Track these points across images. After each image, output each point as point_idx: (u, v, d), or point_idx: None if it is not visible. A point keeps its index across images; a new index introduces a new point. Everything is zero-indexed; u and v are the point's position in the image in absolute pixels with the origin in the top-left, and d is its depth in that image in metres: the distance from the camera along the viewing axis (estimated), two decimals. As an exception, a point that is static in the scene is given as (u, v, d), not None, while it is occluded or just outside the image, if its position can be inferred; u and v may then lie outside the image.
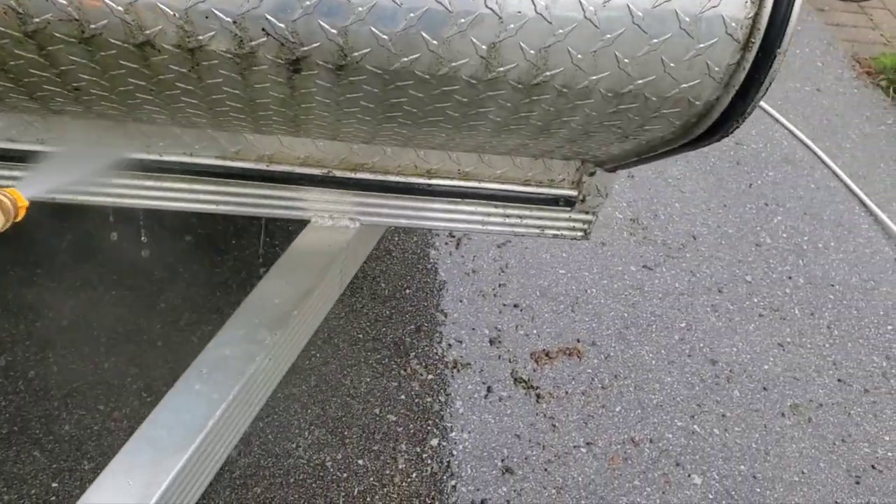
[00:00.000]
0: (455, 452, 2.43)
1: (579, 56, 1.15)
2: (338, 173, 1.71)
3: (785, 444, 2.66)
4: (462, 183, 1.76)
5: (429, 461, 2.39)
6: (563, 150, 1.55)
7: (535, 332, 2.85)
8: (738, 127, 1.29)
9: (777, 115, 4.27)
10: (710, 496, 2.46)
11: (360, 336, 2.70)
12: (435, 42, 1.12)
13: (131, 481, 1.27)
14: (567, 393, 2.66)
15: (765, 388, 2.82)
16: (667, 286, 3.14)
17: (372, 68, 1.16)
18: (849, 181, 3.91)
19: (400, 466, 2.36)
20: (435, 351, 2.71)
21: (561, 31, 1.12)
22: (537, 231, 1.89)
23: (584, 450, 2.51)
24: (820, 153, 4.06)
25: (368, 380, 2.57)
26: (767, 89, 1.20)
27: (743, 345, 2.97)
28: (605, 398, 2.68)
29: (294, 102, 1.30)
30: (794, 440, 2.68)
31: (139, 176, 1.67)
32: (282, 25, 1.08)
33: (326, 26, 1.09)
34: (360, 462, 2.36)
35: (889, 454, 2.70)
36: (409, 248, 3.06)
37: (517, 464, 2.43)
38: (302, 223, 1.82)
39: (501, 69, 1.16)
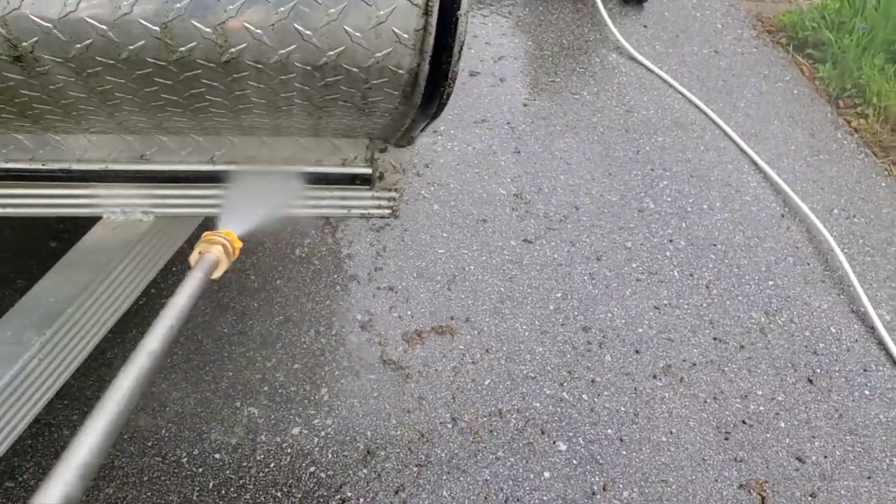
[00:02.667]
0: (317, 439, 2.43)
1: (259, 31, 1.14)
2: (116, 166, 1.69)
3: (655, 406, 2.68)
4: (251, 167, 1.75)
5: (288, 450, 2.39)
6: (320, 126, 1.54)
7: (409, 313, 2.85)
8: (450, 91, 1.28)
9: (669, 79, 4.28)
10: (575, 461, 2.47)
11: (226, 331, 2.69)
12: (102, 26, 1.10)
13: None
14: (437, 371, 2.67)
15: (637, 352, 2.84)
16: (545, 258, 3.14)
17: (50, 57, 1.14)
18: (739, 140, 3.93)
19: (258, 457, 2.36)
20: (303, 340, 2.70)
21: (232, 6, 1.11)
22: (343, 211, 1.89)
23: (449, 425, 2.52)
24: (711, 114, 4.08)
25: (231, 374, 2.56)
26: (461, 51, 1.20)
27: (618, 310, 2.99)
28: (475, 373, 2.68)
29: (5, 97, 1.28)
30: (665, 401, 2.70)
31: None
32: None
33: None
34: (217, 456, 2.35)
35: (760, 408, 2.73)
36: (283, 239, 3.05)
37: (380, 445, 2.43)
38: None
39: (183, 49, 1.15)
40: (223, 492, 2.27)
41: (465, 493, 2.35)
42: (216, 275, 1.25)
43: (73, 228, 2.79)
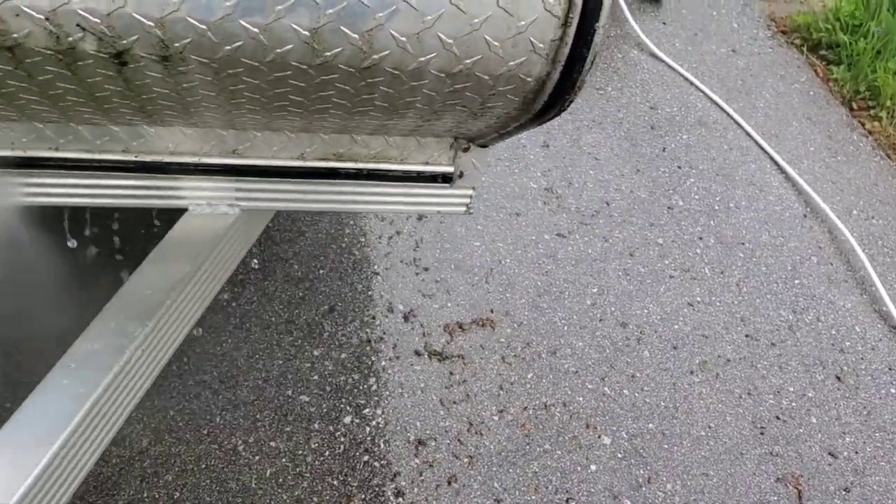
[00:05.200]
0: (368, 429, 2.46)
1: (403, 39, 1.17)
2: (209, 160, 1.71)
3: (693, 401, 2.74)
4: (338, 164, 1.77)
5: (342, 439, 2.43)
6: (423, 128, 1.57)
7: (449, 305, 2.88)
8: (572, 100, 1.32)
9: (691, 78, 4.34)
10: (619, 455, 2.53)
11: (273, 319, 2.71)
12: (255, 29, 1.12)
13: (-8, 480, 1.28)
14: (481, 363, 2.71)
15: (674, 348, 2.90)
16: (580, 253, 3.19)
17: (197, 58, 1.16)
18: (761, 140, 4.00)
19: (312, 446, 2.39)
20: (348, 329, 2.73)
21: (381, 14, 1.13)
22: (420, 208, 1.92)
23: (496, 418, 2.56)
24: (733, 114, 4.14)
25: (281, 362, 2.59)
26: (593, 63, 1.23)
27: (654, 306, 3.04)
28: (518, 366, 2.73)
29: (134, 94, 1.30)
30: (702, 396, 2.76)
31: (8, 173, 1.66)
32: (96, 20, 1.08)
33: (141, 19, 1.09)
34: (273, 444, 2.38)
35: (793, 404, 2.80)
36: (323, 229, 3.07)
37: (430, 436, 2.48)
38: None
39: (328, 54, 1.18)
40: (280, 480, 2.30)
41: (516, 484, 2.40)
42: None
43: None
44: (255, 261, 2.87)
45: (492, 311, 2.89)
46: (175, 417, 2.39)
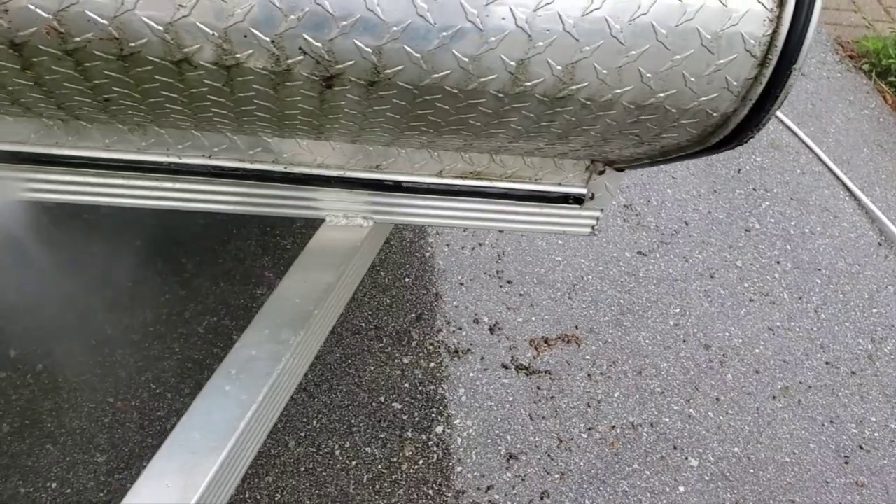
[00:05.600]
0: (460, 440, 2.49)
1: (604, 71, 1.19)
2: (352, 174, 1.74)
3: (776, 426, 2.74)
4: (474, 182, 1.80)
5: (434, 448, 2.45)
6: (578, 152, 1.59)
7: (533, 319, 2.90)
8: (752, 137, 1.33)
9: (764, 100, 4.32)
10: (707, 478, 2.54)
11: (363, 325, 2.74)
12: (465, 59, 1.15)
13: (169, 483, 1.31)
14: (567, 379, 2.73)
15: (756, 372, 2.90)
16: (661, 272, 3.20)
17: (403, 84, 1.19)
18: (833, 166, 3.99)
19: (407, 454, 2.42)
20: (436, 339, 2.75)
21: (588, 48, 1.16)
22: (545, 227, 1.94)
23: (585, 435, 2.58)
24: (805, 138, 4.13)
25: (372, 368, 2.62)
26: (783, 102, 1.25)
27: (735, 329, 3.05)
28: (604, 384, 2.74)
29: (321, 113, 1.33)
30: (785, 422, 2.76)
31: (159, 178, 1.69)
32: (318, 44, 1.11)
33: (361, 45, 1.11)
34: (368, 450, 2.41)
35: (875, 434, 2.80)
36: (406, 237, 3.10)
37: (520, 450, 2.50)
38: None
39: (528, 84, 1.20)
40: (377, 486, 2.33)
41: (607, 503, 2.41)
42: None
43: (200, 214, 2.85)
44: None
45: (576, 328, 2.90)
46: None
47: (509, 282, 3.01)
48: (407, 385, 2.60)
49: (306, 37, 1.10)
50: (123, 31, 1.07)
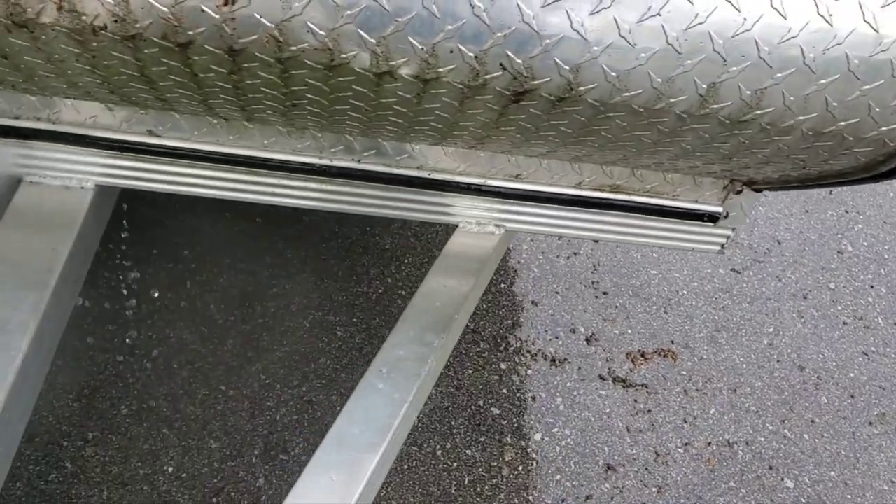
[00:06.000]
0: (558, 448, 2.51)
1: (791, 98, 1.21)
2: (493, 182, 1.77)
3: (873, 453, 2.71)
4: (611, 195, 1.82)
5: (534, 455, 2.47)
6: (729, 171, 1.60)
7: (629, 331, 2.91)
8: (924, 168, 1.34)
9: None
10: (803, 500, 2.53)
11: (462, 328, 2.78)
12: (659, 80, 1.17)
13: (334, 477, 1.36)
14: (663, 394, 2.73)
15: (851, 396, 2.87)
16: (754, 290, 3.18)
17: (591, 101, 1.22)
18: (928, 190, 3.92)
19: (507, 459, 2.45)
20: (533, 347, 2.78)
21: (779, 74, 1.17)
22: (675, 244, 1.95)
23: (681, 450, 2.58)
24: None
25: (471, 372, 2.65)
26: (967, 136, 1.25)
27: (829, 352, 3.02)
28: (700, 400, 2.74)
29: (495, 126, 1.36)
30: (882, 449, 2.73)
31: (308, 178, 1.74)
32: (519, 61, 1.14)
33: (561, 63, 1.15)
34: (469, 452, 2.44)
35: (975, 467, 2.75)
36: (504, 243, 3.12)
37: (618, 462, 2.51)
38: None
39: (715, 106, 1.22)
40: (478, 489, 2.36)
41: (706, 519, 2.42)
42: None
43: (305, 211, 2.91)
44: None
45: (672, 343, 2.90)
46: (376, 416, 2.47)
47: (605, 293, 3.02)
48: (505, 391, 2.63)
49: (509, 54, 1.13)
50: (338, 43, 1.12)
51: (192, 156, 1.68)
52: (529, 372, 2.70)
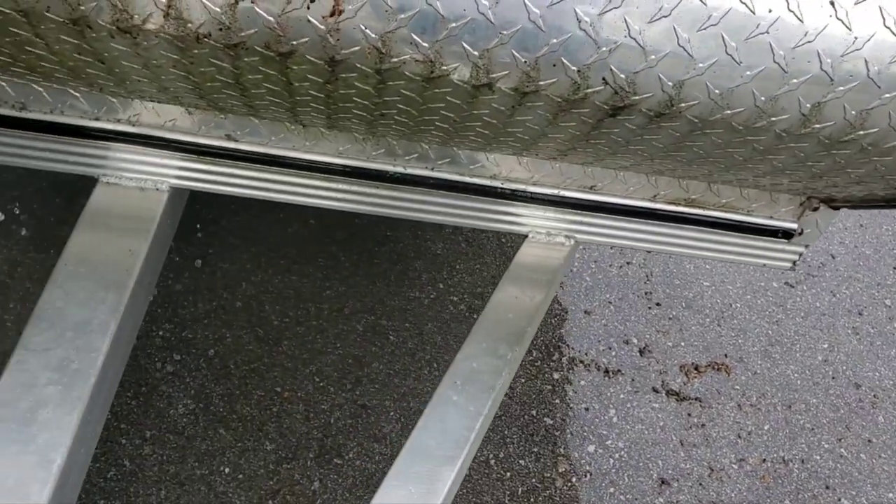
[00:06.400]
0: (612, 460, 2.48)
1: (898, 120, 1.18)
2: (566, 193, 1.76)
3: (932, 476, 2.66)
4: (685, 209, 1.79)
5: (587, 467, 2.45)
6: (814, 189, 1.57)
7: (682, 344, 2.88)
8: None
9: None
10: (861, 522, 2.49)
11: (514, 336, 2.76)
12: (763, 98, 1.15)
13: (413, 489, 1.35)
14: (717, 408, 2.70)
15: (910, 417, 2.82)
16: (808, 305, 3.14)
17: (690, 117, 1.20)
18: None
19: (560, 470, 2.43)
20: (586, 357, 2.76)
21: (887, 95, 1.14)
22: (747, 259, 1.92)
23: (735, 466, 2.55)
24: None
25: (523, 381, 2.64)
26: None
27: (885, 370, 2.96)
28: (754, 416, 2.70)
29: (584, 139, 1.35)
30: (942, 472, 2.68)
31: (380, 186, 1.74)
32: (622, 76, 1.13)
33: (664, 79, 1.13)
34: (522, 462, 2.43)
35: None
36: (555, 251, 3.10)
37: (672, 476, 2.48)
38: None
39: (817, 126, 1.20)
40: (532, 500, 2.35)
41: (762, 537, 2.38)
42: None
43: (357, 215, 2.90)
44: (490, 274, 2.93)
45: (726, 356, 2.87)
46: (429, 423, 2.46)
47: (658, 304, 2.99)
48: (558, 401, 2.61)
49: (613, 68, 1.12)
50: (440, 55, 1.11)
51: (268, 161, 1.69)
52: (582, 382, 2.68)
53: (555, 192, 1.76)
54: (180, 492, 2.18)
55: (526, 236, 1.87)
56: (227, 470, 2.24)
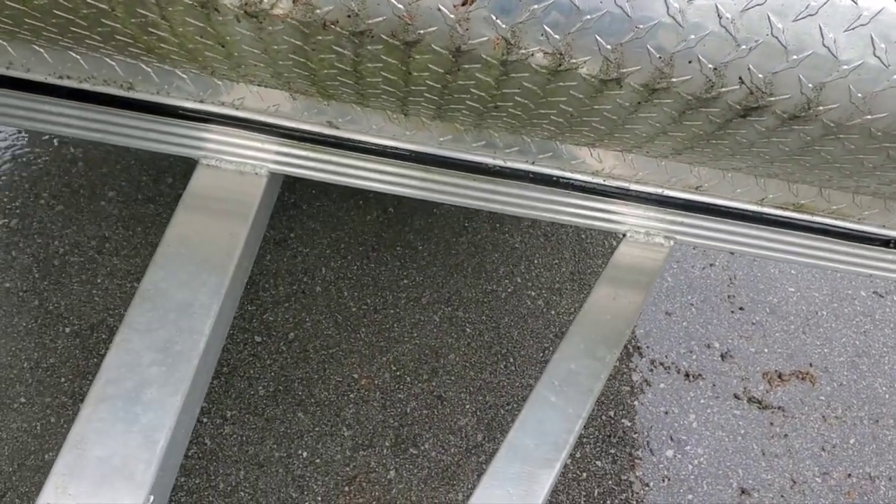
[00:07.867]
0: (691, 466, 2.42)
1: None
2: (670, 192, 1.71)
3: None
4: (793, 214, 1.73)
5: (665, 472, 2.40)
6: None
7: (765, 350, 2.79)
8: None
9: None
10: (951, 546, 2.38)
11: (593, 334, 2.71)
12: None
13: (511, 490, 1.33)
14: (801, 418, 2.61)
15: None
16: (899, 317, 3.02)
17: (827, 121, 1.14)
18: None
19: (637, 473, 2.38)
20: (666, 359, 2.69)
21: None
22: (851, 268, 1.84)
23: (819, 480, 2.46)
24: None
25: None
26: None
27: (981, 389, 2.84)
28: (839, 428, 2.61)
29: (706, 139, 1.30)
30: None
31: (479, 178, 1.71)
32: (760, 76, 1.07)
33: (804, 80, 1.07)
34: (598, 463, 2.39)
35: None
36: (636, 249, 3.04)
37: (753, 486, 2.41)
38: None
39: (869, 116, 1.13)
40: (607, 502, 2.30)
41: (846, 556, 2.30)
42: None
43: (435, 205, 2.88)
44: (568, 270, 2.89)
45: (811, 365, 2.77)
46: (505, 416, 2.44)
47: (741, 308, 2.90)
48: (636, 403, 2.56)
49: (752, 67, 1.07)
50: (570, 48, 1.07)
51: (367, 149, 1.67)
52: (662, 386, 2.62)
53: (658, 190, 1.71)
54: (259, 473, 2.20)
55: (624, 235, 1.82)
56: (304, 454, 2.25)
